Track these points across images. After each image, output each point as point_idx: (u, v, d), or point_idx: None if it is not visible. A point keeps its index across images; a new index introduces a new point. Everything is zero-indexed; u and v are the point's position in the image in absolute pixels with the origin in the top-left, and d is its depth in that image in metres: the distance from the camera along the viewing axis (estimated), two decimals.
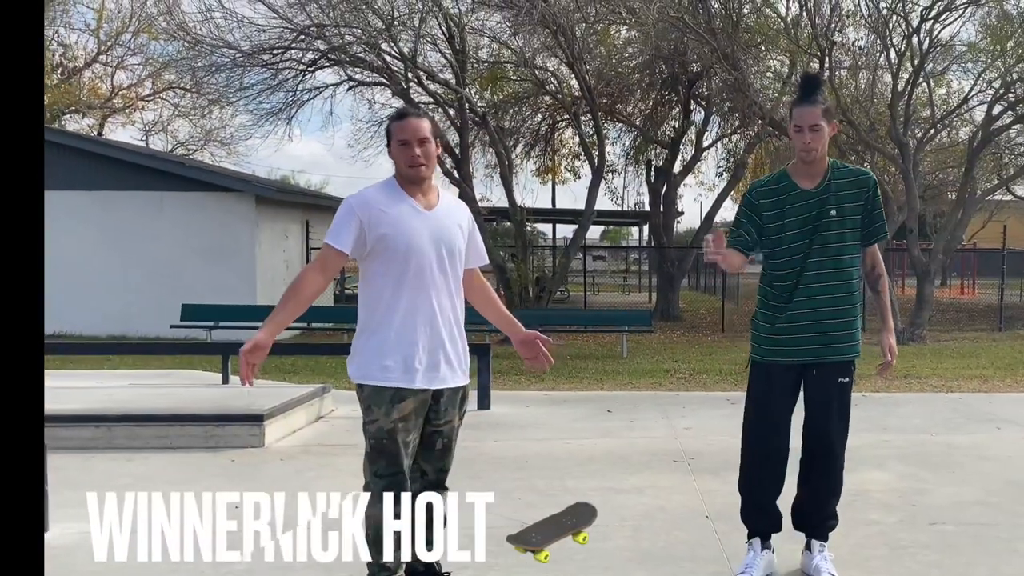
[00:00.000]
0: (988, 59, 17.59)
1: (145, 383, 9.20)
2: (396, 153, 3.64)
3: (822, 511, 4.13)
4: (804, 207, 3.99)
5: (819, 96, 4.01)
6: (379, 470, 3.60)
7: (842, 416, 4.08)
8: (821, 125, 3.92)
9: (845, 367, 4.06)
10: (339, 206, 3.68)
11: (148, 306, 15.68)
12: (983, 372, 11.81)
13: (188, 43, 16.49)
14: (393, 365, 3.56)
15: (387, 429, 3.55)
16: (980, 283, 31.00)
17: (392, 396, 3.54)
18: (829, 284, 3.98)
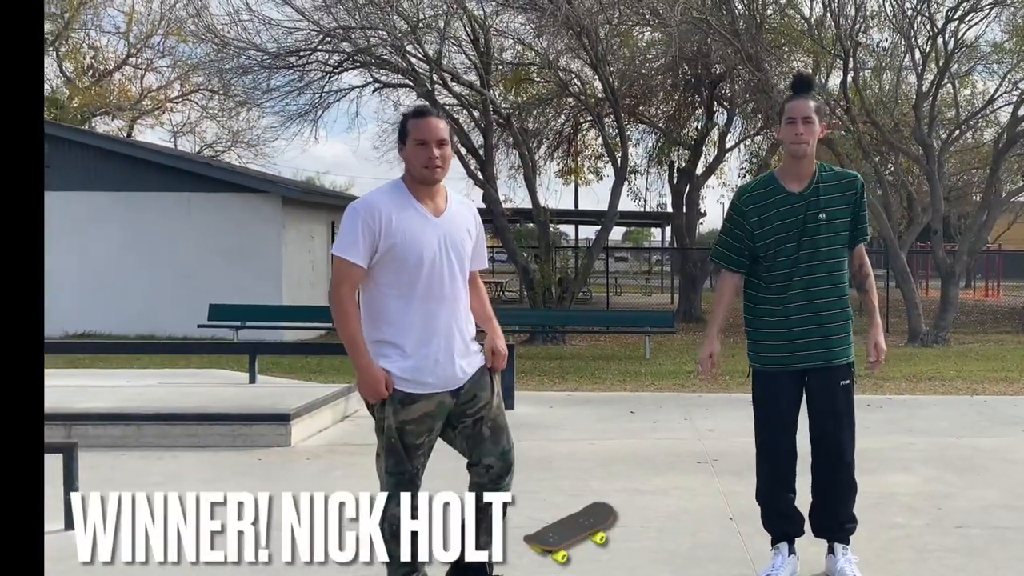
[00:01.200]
0: (1014, 60, 17.46)
1: (173, 382, 9.30)
2: (411, 152, 3.51)
3: (838, 515, 4.11)
4: (792, 210, 3.96)
5: (811, 94, 4.05)
6: (388, 467, 3.59)
7: (846, 419, 4.05)
8: (813, 118, 3.92)
9: (844, 370, 4.03)
10: (347, 214, 3.53)
11: (176, 306, 15.82)
12: (1008, 375, 11.72)
13: (216, 45, 16.62)
14: (403, 376, 3.52)
15: (395, 428, 3.54)
16: (1005, 285, 30.75)
17: (402, 398, 3.52)
18: (821, 288, 3.96)
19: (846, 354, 4.02)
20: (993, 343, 16.71)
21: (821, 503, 4.12)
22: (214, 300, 14.43)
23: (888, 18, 16.99)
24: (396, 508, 3.55)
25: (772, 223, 3.99)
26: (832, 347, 3.99)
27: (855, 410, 4.11)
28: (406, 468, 3.58)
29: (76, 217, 15.69)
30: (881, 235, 16.94)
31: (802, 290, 3.95)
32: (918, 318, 16.68)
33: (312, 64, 16.92)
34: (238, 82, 17.34)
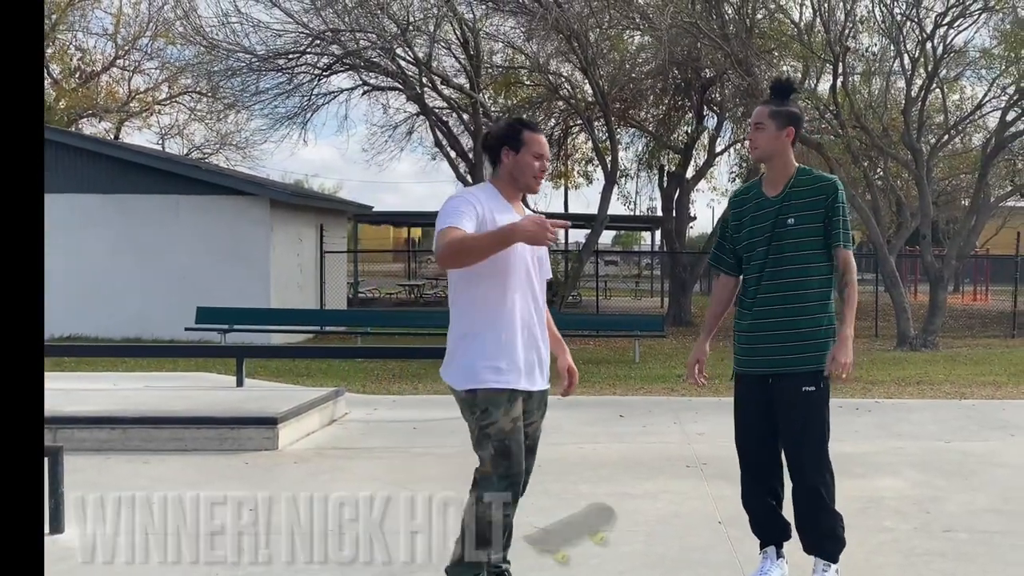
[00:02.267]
0: (1002, 65, 17.53)
1: (160, 385, 9.24)
2: (525, 161, 3.68)
3: (812, 528, 3.99)
4: (764, 215, 3.97)
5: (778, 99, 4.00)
6: (504, 471, 3.60)
7: (808, 428, 3.92)
8: (763, 124, 3.94)
9: (808, 377, 3.90)
10: (448, 202, 3.59)
11: (163, 309, 15.75)
12: (996, 379, 11.76)
13: (205, 47, 16.60)
14: (506, 367, 3.60)
15: (507, 430, 3.58)
16: (993, 289, 30.86)
17: (509, 396, 3.60)
18: (790, 294, 3.90)
19: (813, 361, 3.88)
20: (981, 347, 16.76)
21: (795, 517, 4.04)
22: (202, 302, 14.36)
23: (877, 23, 17.05)
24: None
25: (747, 227, 4.02)
26: (796, 353, 3.89)
27: (823, 420, 3.96)
28: (518, 468, 3.64)
29: (64, 219, 15.60)
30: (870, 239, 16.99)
31: (770, 294, 3.93)
32: (907, 322, 16.72)
33: (301, 67, 16.91)
34: (226, 84, 17.33)
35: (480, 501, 3.61)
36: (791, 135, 3.96)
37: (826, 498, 3.95)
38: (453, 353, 3.69)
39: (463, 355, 3.64)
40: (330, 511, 5.34)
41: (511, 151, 3.69)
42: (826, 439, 3.97)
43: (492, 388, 3.58)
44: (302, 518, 5.21)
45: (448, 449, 7.07)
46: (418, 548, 4.67)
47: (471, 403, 3.62)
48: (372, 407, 9.02)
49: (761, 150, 3.98)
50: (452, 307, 3.71)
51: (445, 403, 9.32)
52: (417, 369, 12.35)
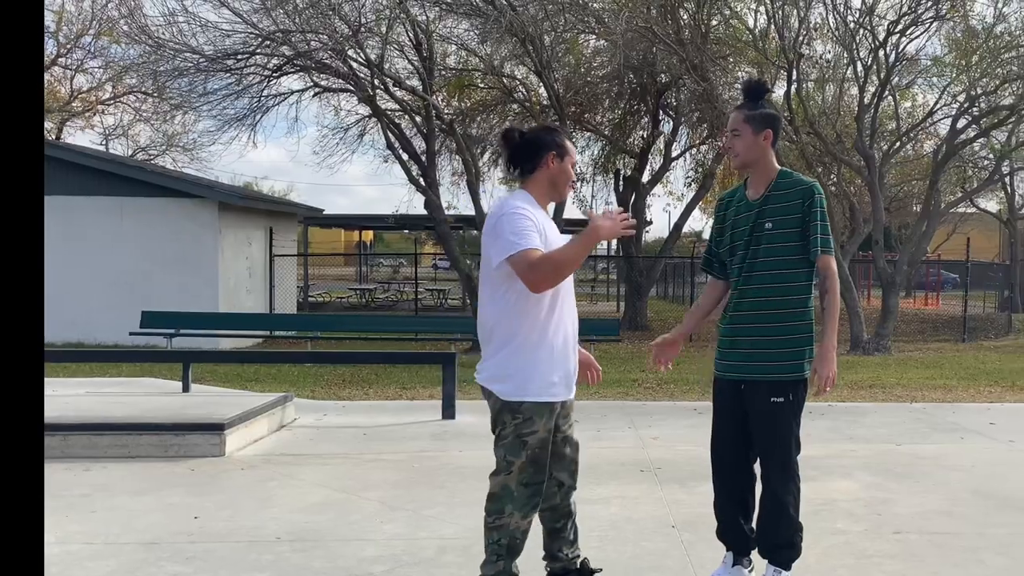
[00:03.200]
0: (953, 73, 17.78)
1: (103, 391, 9.04)
2: (562, 170, 3.77)
3: (771, 535, 3.95)
4: (744, 218, 3.94)
5: (752, 103, 3.95)
6: (528, 479, 3.67)
7: (776, 439, 3.88)
8: (738, 130, 3.90)
9: (778, 387, 3.84)
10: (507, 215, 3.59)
11: (107, 313, 15.46)
12: (947, 382, 11.89)
13: (150, 47, 16.27)
14: (557, 380, 3.68)
15: (544, 440, 3.67)
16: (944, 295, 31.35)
17: (551, 408, 3.68)
18: (767, 299, 3.85)
19: (785, 371, 3.83)
20: (932, 351, 16.98)
21: (758, 520, 4.01)
22: (148, 307, 14.08)
23: (831, 31, 17.22)
24: (522, 520, 3.69)
25: (728, 231, 4.00)
26: (768, 361, 3.84)
27: (791, 432, 3.90)
28: (543, 476, 3.72)
29: None
30: None
31: (747, 299, 3.89)
32: (860, 327, 16.89)
33: (250, 67, 16.67)
34: (173, 85, 17.04)
35: (503, 514, 3.68)
36: (769, 138, 3.91)
37: (789, 508, 3.91)
38: (503, 365, 3.66)
39: (517, 365, 3.64)
40: (278, 518, 5.25)
41: (557, 158, 3.76)
42: (793, 450, 3.92)
43: (542, 401, 3.65)
44: (249, 525, 5.10)
45: (399, 455, 6.98)
46: (368, 555, 4.61)
47: (514, 409, 3.65)
48: (321, 413, 8.89)
49: (741, 157, 3.93)
50: (500, 314, 3.67)
51: (395, 409, 9.27)
52: (367, 374, 12.23)
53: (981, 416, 8.80)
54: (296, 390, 9.87)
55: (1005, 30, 17.07)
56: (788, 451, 3.89)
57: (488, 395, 3.74)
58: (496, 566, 3.72)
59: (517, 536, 3.70)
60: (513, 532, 3.69)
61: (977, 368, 13.68)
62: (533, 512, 3.73)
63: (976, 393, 10.89)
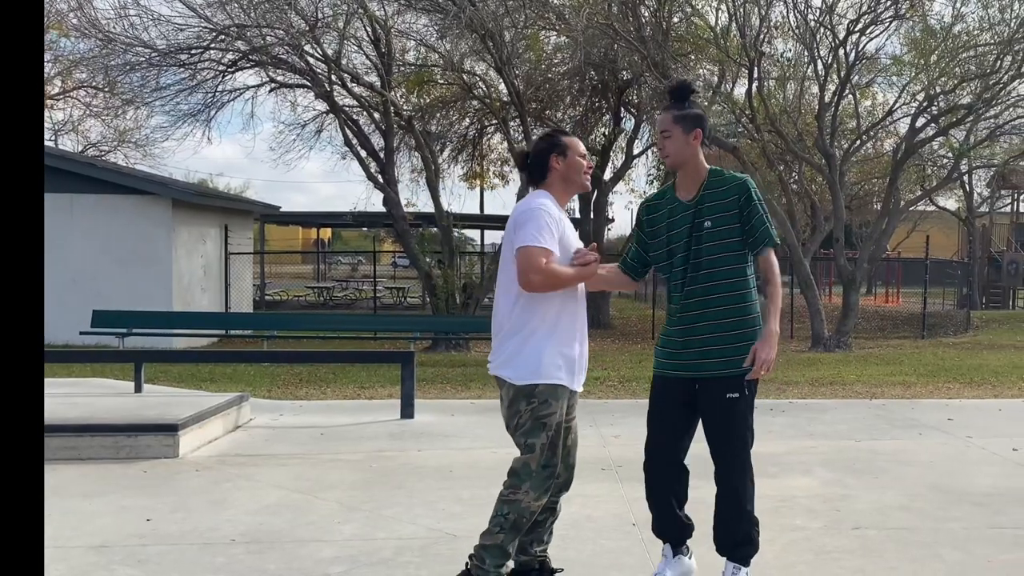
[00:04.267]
0: (912, 72, 17.96)
1: (52, 392, 8.82)
2: (575, 161, 3.95)
3: (729, 532, 3.95)
4: (680, 220, 3.94)
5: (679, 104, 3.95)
6: (547, 461, 3.80)
7: (731, 434, 3.88)
8: (669, 131, 3.90)
9: (733, 382, 3.85)
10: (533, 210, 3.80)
11: (56, 312, 15.09)
12: (906, 379, 12.00)
13: (101, 41, 15.97)
14: (565, 365, 3.85)
15: (559, 422, 3.83)
16: (904, 291, 31.73)
17: (562, 392, 3.83)
18: (712, 297, 3.86)
19: (738, 365, 3.83)
20: (892, 348, 17.14)
21: (715, 518, 4.00)
22: (99, 306, 13.82)
23: (792, 29, 17.33)
24: (534, 501, 3.80)
25: (663, 233, 4.00)
26: (721, 357, 3.85)
27: (747, 427, 3.90)
28: (558, 461, 3.86)
29: None
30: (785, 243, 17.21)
31: (693, 299, 3.89)
32: (821, 324, 17.01)
33: (204, 62, 16.45)
34: (124, 80, 16.74)
35: (519, 490, 3.79)
36: (699, 137, 3.92)
37: (745, 503, 3.92)
38: (517, 350, 3.82)
39: (528, 350, 3.80)
40: (233, 520, 5.16)
41: (560, 156, 3.94)
42: (748, 444, 3.92)
43: (554, 383, 3.80)
44: (203, 527, 5.01)
45: (356, 455, 6.91)
46: (325, 556, 4.54)
47: (529, 394, 3.78)
48: (278, 413, 8.79)
49: (672, 157, 3.94)
50: (513, 306, 3.86)
51: (353, 408, 9.17)
52: (325, 374, 12.12)
53: (939, 412, 8.88)
54: (252, 390, 9.76)
55: (963, 30, 17.30)
56: (744, 445, 3.90)
57: (501, 384, 3.88)
58: (495, 538, 3.80)
59: (525, 516, 3.80)
60: (522, 510, 3.78)
61: (936, 365, 13.82)
62: (545, 496, 3.84)
63: (935, 389, 11.00)
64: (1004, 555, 4.59)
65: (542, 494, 3.82)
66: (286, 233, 53.45)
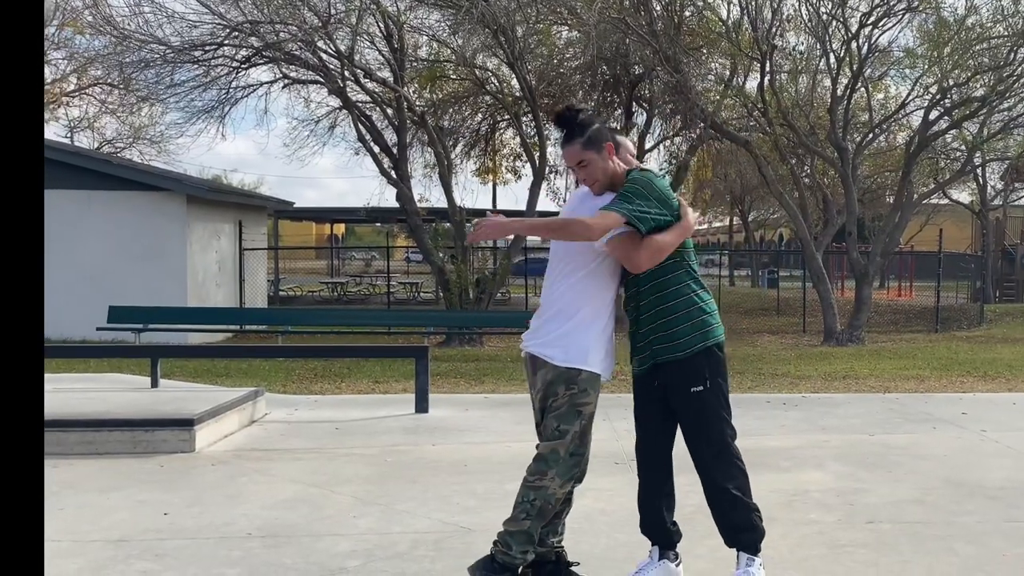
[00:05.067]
0: (925, 65, 17.89)
1: (70, 387, 8.92)
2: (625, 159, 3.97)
3: (729, 525, 3.94)
4: None
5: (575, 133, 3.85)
6: (575, 449, 3.83)
7: (705, 428, 3.88)
8: (586, 160, 3.83)
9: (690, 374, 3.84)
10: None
11: (73, 308, 15.24)
12: (920, 373, 11.96)
13: (116, 38, 16.06)
14: (606, 357, 3.90)
15: (592, 412, 3.88)
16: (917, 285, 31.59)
17: (600, 382, 3.89)
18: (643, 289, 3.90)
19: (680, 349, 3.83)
20: (905, 342, 17.09)
21: (712, 514, 4.00)
22: (115, 301, 13.90)
23: (804, 22, 17.28)
24: (559, 488, 3.82)
25: None
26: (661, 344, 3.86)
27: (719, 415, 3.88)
28: (587, 450, 3.92)
29: None
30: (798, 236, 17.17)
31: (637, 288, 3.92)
32: (833, 318, 16.98)
33: (218, 59, 16.50)
34: (139, 76, 16.81)
35: (545, 476, 3.80)
36: (612, 149, 3.89)
37: (737, 494, 3.89)
38: (566, 334, 3.83)
39: (578, 336, 3.82)
40: (249, 514, 5.19)
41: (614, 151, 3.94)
42: (727, 435, 3.91)
43: (596, 372, 3.84)
44: (219, 522, 5.05)
45: (371, 450, 6.94)
46: (341, 550, 4.57)
47: (570, 379, 3.79)
48: (293, 407, 8.83)
49: (601, 181, 3.88)
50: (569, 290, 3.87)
51: (367, 403, 9.20)
52: (339, 368, 12.16)
53: (953, 406, 8.86)
54: (267, 385, 9.80)
55: (976, 22, 17.21)
56: (721, 437, 3.89)
57: (537, 365, 3.87)
58: (521, 524, 3.79)
59: (551, 502, 3.81)
60: (548, 496, 3.79)
61: (950, 358, 13.78)
62: (570, 484, 3.87)
63: (948, 383, 10.97)
64: (1018, 548, 4.60)
65: (567, 481, 3.84)
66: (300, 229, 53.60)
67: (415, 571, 4.27)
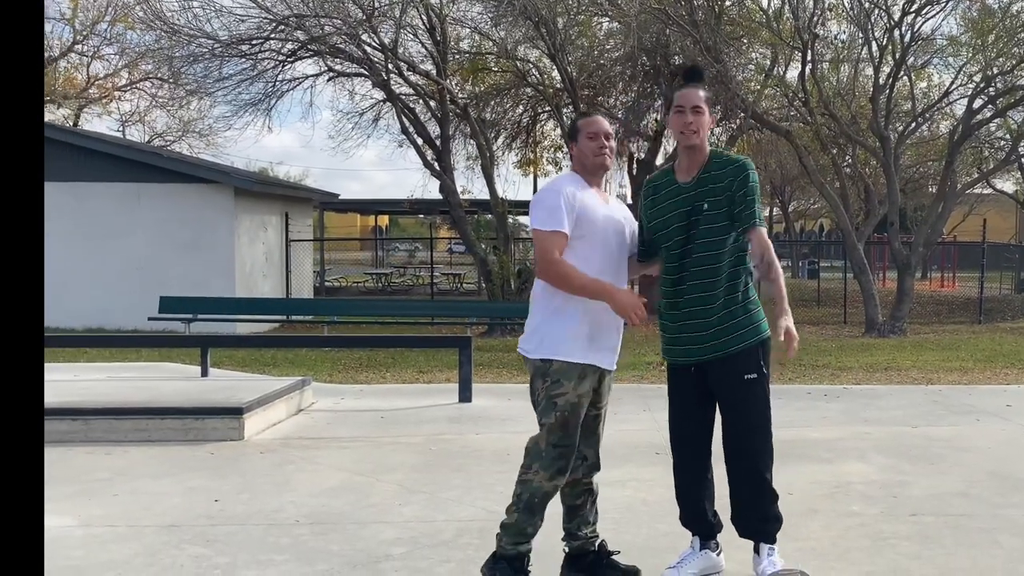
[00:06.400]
0: (969, 53, 17.65)
1: (123, 376, 9.13)
2: (584, 145, 3.92)
3: (753, 513, 3.98)
4: (679, 202, 3.91)
5: (702, 80, 3.96)
6: (558, 440, 3.78)
7: (755, 415, 3.91)
8: (702, 108, 3.85)
9: (749, 362, 3.87)
10: (545, 190, 3.91)
11: (125, 299, 15.57)
12: (963, 364, 11.85)
13: (165, 33, 16.31)
14: (584, 344, 3.81)
15: (572, 403, 3.78)
16: (960, 276, 31.18)
17: (580, 372, 3.79)
18: (712, 280, 3.85)
19: (743, 340, 3.85)
20: (948, 333, 16.91)
21: (737, 504, 4.02)
22: (165, 292, 14.16)
23: (846, 11, 17.11)
24: (546, 481, 3.78)
25: (663, 215, 3.97)
26: (724, 336, 3.86)
27: (768, 406, 3.94)
28: (572, 442, 3.81)
29: None
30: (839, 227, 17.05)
31: (693, 282, 3.87)
32: (875, 309, 16.84)
33: (265, 52, 16.68)
34: (188, 71, 17.06)
35: (530, 469, 3.80)
36: (713, 121, 3.96)
37: (770, 483, 3.96)
38: (537, 327, 3.87)
39: (548, 328, 3.83)
40: (296, 501, 5.30)
41: (573, 143, 3.98)
42: (770, 425, 3.97)
43: (567, 361, 3.78)
44: (268, 509, 5.16)
45: (416, 438, 7.03)
46: (387, 538, 4.64)
47: (544, 371, 3.80)
48: (339, 396, 8.95)
49: (700, 135, 3.88)
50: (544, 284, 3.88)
51: (412, 392, 9.32)
52: (384, 358, 12.29)
53: (997, 398, 8.79)
54: (313, 374, 9.93)
55: (1022, 9, 16.93)
56: (767, 426, 3.94)
57: (525, 361, 3.93)
58: (512, 517, 3.82)
59: (537, 496, 3.78)
60: (535, 490, 3.78)
61: (993, 350, 13.63)
62: (559, 477, 3.81)
63: (992, 375, 10.87)
64: None
65: (555, 474, 3.78)
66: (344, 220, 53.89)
67: (460, 559, 4.34)
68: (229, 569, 4.21)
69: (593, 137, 3.91)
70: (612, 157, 3.99)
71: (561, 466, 3.79)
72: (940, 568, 4.24)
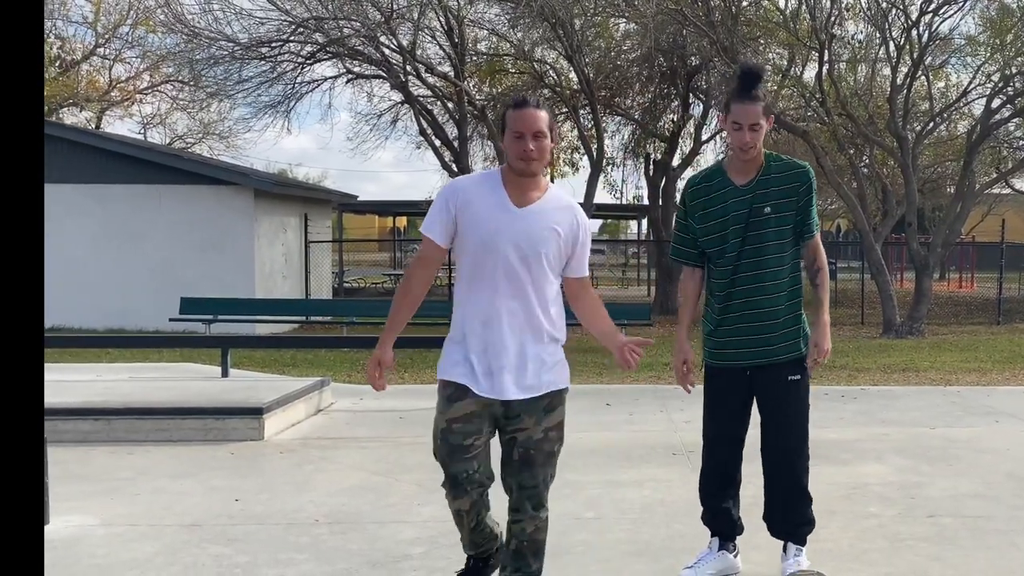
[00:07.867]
0: (987, 52, 17.56)
1: (144, 376, 9.19)
2: (508, 143, 3.39)
3: (791, 517, 4.02)
4: (736, 204, 3.84)
5: (759, 91, 3.78)
6: (439, 456, 3.49)
7: (797, 417, 3.93)
8: (761, 124, 3.75)
9: (795, 366, 3.90)
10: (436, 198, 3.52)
11: (146, 300, 15.69)
12: (981, 365, 11.80)
13: (186, 36, 16.46)
14: (457, 364, 3.45)
15: (440, 427, 3.46)
16: (978, 276, 30.99)
17: (451, 394, 3.44)
18: (768, 284, 3.84)
19: (794, 349, 3.90)
20: (967, 334, 16.82)
21: (772, 504, 4.05)
22: (185, 293, 14.30)
23: (863, 10, 17.06)
24: (450, 500, 3.52)
25: (716, 217, 3.88)
26: (778, 343, 3.88)
27: (808, 408, 3.97)
28: (450, 462, 3.45)
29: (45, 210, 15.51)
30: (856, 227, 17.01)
31: (747, 285, 3.85)
32: (893, 309, 16.77)
33: (284, 55, 16.81)
34: (209, 73, 17.22)
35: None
36: (770, 123, 3.88)
37: (806, 485, 4.00)
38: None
39: (446, 345, 3.58)
40: (316, 501, 5.34)
41: (502, 135, 3.48)
42: (808, 424, 4.00)
43: (440, 379, 3.51)
44: (287, 508, 5.20)
45: None
46: (406, 538, 4.67)
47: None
48: (358, 397, 8.98)
49: (757, 149, 3.82)
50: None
51: (431, 393, 9.27)
52: (403, 359, 12.31)
53: (1016, 399, 8.76)
54: (333, 374, 9.96)
55: None
56: (807, 427, 3.97)
57: None
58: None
59: (453, 514, 3.58)
60: (450, 506, 3.56)
61: (1012, 351, 13.55)
62: (459, 497, 3.48)
63: (1011, 376, 10.82)
64: None
65: (451, 490, 3.48)
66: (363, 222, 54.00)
67: None
68: (249, 568, 4.25)
69: (518, 137, 3.35)
70: (543, 159, 3.40)
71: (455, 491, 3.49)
72: (958, 570, 4.23)
